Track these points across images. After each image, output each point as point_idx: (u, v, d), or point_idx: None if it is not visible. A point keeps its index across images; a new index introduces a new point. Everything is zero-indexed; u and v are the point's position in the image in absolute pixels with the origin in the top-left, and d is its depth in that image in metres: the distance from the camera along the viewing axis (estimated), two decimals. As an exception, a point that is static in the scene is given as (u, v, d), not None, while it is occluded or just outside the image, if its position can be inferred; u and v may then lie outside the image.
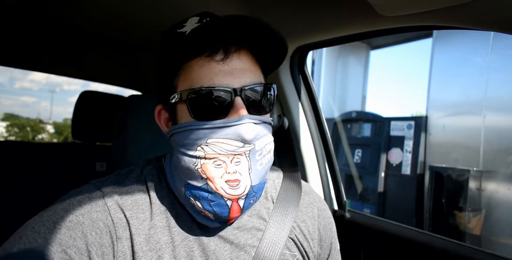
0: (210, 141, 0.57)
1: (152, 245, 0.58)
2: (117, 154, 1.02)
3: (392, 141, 4.17)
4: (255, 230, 0.68)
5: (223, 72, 0.58)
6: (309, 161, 1.36)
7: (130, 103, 1.04)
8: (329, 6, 0.90)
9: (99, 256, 0.52)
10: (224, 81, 0.57)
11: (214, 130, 0.57)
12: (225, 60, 0.58)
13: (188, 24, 0.61)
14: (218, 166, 0.57)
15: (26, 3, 1.13)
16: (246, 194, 0.59)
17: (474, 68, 3.48)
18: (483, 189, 3.19)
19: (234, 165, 0.58)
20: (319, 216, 0.78)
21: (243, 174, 0.58)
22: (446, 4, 0.65)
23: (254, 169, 0.59)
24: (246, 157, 0.58)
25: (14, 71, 69.64)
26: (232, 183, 0.57)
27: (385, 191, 4.19)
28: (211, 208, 0.59)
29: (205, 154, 0.57)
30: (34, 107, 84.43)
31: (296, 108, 1.33)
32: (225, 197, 0.58)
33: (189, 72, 0.59)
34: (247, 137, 0.57)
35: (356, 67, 5.60)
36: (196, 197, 0.59)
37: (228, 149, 0.57)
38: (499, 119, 3.20)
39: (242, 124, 0.57)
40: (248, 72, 0.60)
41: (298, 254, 0.71)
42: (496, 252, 0.90)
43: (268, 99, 0.63)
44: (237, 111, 0.57)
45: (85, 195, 0.58)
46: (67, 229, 0.51)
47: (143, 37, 1.44)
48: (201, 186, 0.58)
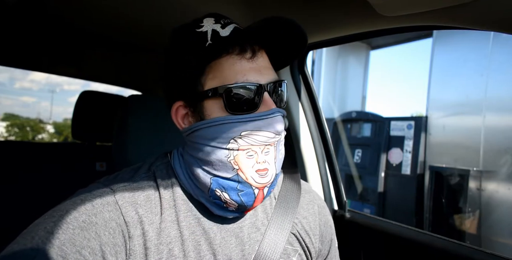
0: (243, 134, 0.61)
1: (163, 238, 0.60)
2: (117, 154, 1.03)
3: (392, 141, 4.17)
4: (260, 225, 0.71)
5: (253, 69, 0.62)
6: (309, 161, 1.36)
7: (130, 103, 1.04)
8: (329, 6, 0.90)
9: (112, 255, 0.53)
10: (254, 77, 0.62)
11: (248, 123, 0.61)
12: (253, 58, 0.63)
13: (205, 24, 0.64)
14: (250, 157, 0.61)
15: (26, 3, 1.13)
16: (271, 182, 0.63)
17: (474, 68, 3.48)
18: (483, 189, 3.19)
19: (264, 155, 0.62)
20: (319, 213, 0.82)
21: (271, 163, 0.63)
22: (446, 4, 0.65)
23: (278, 158, 0.64)
24: (274, 147, 0.63)
25: (14, 71, 69.63)
26: (262, 172, 0.62)
27: (385, 191, 4.19)
28: (239, 198, 0.62)
29: (239, 146, 0.61)
30: (34, 107, 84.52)
31: (296, 108, 1.33)
32: (253, 186, 0.62)
33: (220, 69, 0.62)
34: (278, 129, 0.62)
35: (356, 67, 5.60)
36: (224, 188, 0.62)
37: (261, 140, 0.61)
38: (499, 119, 3.20)
39: (274, 116, 0.62)
40: (270, 69, 0.66)
41: (300, 249, 0.74)
42: (496, 252, 0.90)
43: (284, 94, 0.69)
44: (267, 105, 0.62)
45: (96, 195, 0.59)
46: (81, 230, 0.52)
47: (143, 37, 1.44)
48: (232, 176, 0.61)
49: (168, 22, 1.19)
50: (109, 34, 1.43)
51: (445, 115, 3.73)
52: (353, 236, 1.26)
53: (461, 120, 3.57)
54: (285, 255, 0.71)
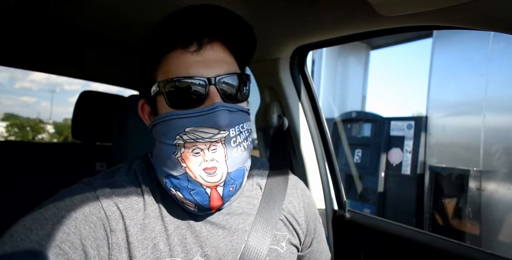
0: (188, 130, 0.59)
1: (148, 234, 0.60)
2: (117, 154, 1.03)
3: (392, 141, 4.17)
4: (245, 215, 0.71)
5: (198, 63, 0.60)
6: (309, 161, 1.36)
7: (130, 103, 1.04)
8: (329, 6, 0.90)
9: (94, 249, 0.53)
10: (198, 71, 0.60)
11: (191, 119, 0.59)
12: (198, 51, 0.60)
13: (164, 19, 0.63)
14: (196, 154, 0.59)
15: (26, 3, 1.13)
16: (224, 181, 0.61)
17: (474, 68, 3.48)
18: (483, 189, 3.19)
19: (211, 153, 0.60)
20: (302, 195, 0.84)
21: (220, 161, 0.60)
22: (446, 4, 0.65)
23: (230, 156, 0.61)
24: (222, 145, 0.60)
25: (15, 71, 69.64)
26: (210, 170, 0.59)
27: (385, 191, 4.19)
28: (192, 197, 0.60)
29: (184, 143, 0.59)
30: (34, 107, 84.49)
31: (296, 108, 1.33)
32: (203, 185, 0.60)
33: (167, 64, 0.62)
34: (222, 124, 0.59)
35: (356, 67, 5.60)
36: (177, 187, 0.61)
37: (204, 136, 0.59)
38: (499, 119, 3.20)
39: (216, 111, 0.59)
40: (221, 62, 0.62)
41: (288, 234, 0.75)
42: (496, 252, 0.90)
43: (242, 88, 0.65)
44: (211, 100, 0.60)
45: (76, 192, 0.59)
46: (60, 225, 0.52)
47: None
48: (181, 175, 0.60)
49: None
50: (109, 34, 1.43)
51: (445, 115, 3.73)
52: (353, 236, 1.26)
53: (461, 120, 3.57)
54: (275, 241, 0.72)
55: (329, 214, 1.34)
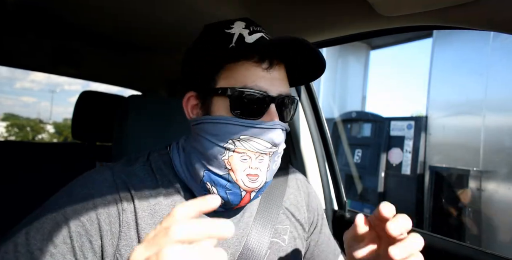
0: (242, 137, 0.63)
1: (157, 219, 0.64)
2: (117, 154, 1.03)
3: (392, 141, 4.17)
4: (253, 209, 0.76)
5: (266, 79, 0.65)
6: (309, 161, 1.36)
7: (130, 103, 1.04)
8: (329, 6, 0.90)
9: (107, 224, 0.60)
10: (265, 86, 0.64)
11: (249, 129, 0.63)
12: (269, 69, 0.65)
13: (236, 27, 0.67)
14: (244, 160, 0.64)
15: (26, 3, 1.13)
16: (260, 188, 0.66)
17: (474, 68, 3.49)
18: (483, 189, 3.19)
19: (258, 162, 0.64)
20: (302, 186, 0.88)
21: (263, 171, 0.65)
22: (446, 4, 0.65)
23: (271, 168, 0.67)
24: (268, 157, 0.65)
25: (15, 71, 69.66)
26: (252, 177, 0.64)
27: (385, 191, 4.19)
28: (226, 195, 0.65)
29: (235, 148, 0.63)
30: (34, 107, 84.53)
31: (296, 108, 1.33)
32: (242, 188, 0.64)
33: (234, 71, 0.65)
34: (276, 141, 0.64)
35: (356, 67, 5.61)
36: (214, 183, 0.65)
37: (258, 147, 0.63)
38: (499, 119, 3.20)
39: (275, 128, 0.64)
40: (284, 83, 0.68)
41: (290, 227, 0.79)
42: (496, 252, 0.90)
43: (292, 110, 0.71)
44: (270, 116, 0.64)
45: (98, 173, 0.67)
46: (81, 200, 0.60)
47: (144, 37, 1.44)
48: (223, 174, 0.64)
49: (169, 22, 1.19)
50: (109, 34, 1.43)
51: (445, 115, 3.73)
52: (353, 236, 1.26)
53: (461, 120, 3.57)
54: (277, 234, 0.76)
55: (329, 214, 1.34)
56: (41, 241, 0.55)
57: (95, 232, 0.58)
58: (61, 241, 0.56)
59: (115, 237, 0.61)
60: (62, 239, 0.56)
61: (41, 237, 0.55)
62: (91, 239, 0.58)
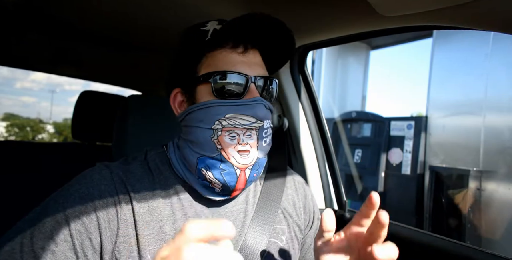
0: (228, 116, 0.66)
1: (155, 216, 0.66)
2: (117, 154, 1.03)
3: (392, 141, 4.17)
4: (250, 210, 0.77)
5: (243, 62, 0.70)
6: (309, 161, 1.36)
7: (130, 103, 1.04)
8: (329, 6, 0.90)
9: (105, 221, 0.62)
10: (243, 69, 0.69)
11: (232, 107, 0.67)
12: (244, 53, 0.70)
13: (210, 25, 0.72)
14: (232, 137, 0.67)
15: (26, 3, 1.13)
16: (253, 164, 0.68)
17: (474, 68, 3.48)
18: (483, 189, 3.19)
19: (246, 138, 0.67)
20: (299, 188, 0.89)
21: (252, 146, 0.68)
22: (446, 4, 0.65)
23: (260, 145, 0.69)
24: (256, 132, 0.68)
25: (16, 71, 69.66)
26: (243, 153, 0.67)
27: (385, 191, 4.19)
28: (222, 177, 0.66)
29: (222, 127, 0.66)
30: (34, 107, 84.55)
31: (296, 108, 1.33)
32: (235, 166, 0.66)
33: (213, 60, 0.70)
34: (260, 115, 0.67)
35: (356, 67, 5.60)
36: (208, 167, 0.67)
37: (243, 123, 0.67)
38: (499, 119, 3.20)
39: (257, 103, 0.68)
40: (260, 66, 0.73)
41: (288, 227, 0.80)
42: (496, 252, 0.90)
43: (272, 91, 0.75)
44: (251, 94, 0.68)
45: (96, 171, 0.69)
46: (80, 198, 0.63)
47: (144, 37, 1.44)
48: (215, 156, 0.67)
49: (168, 22, 1.19)
50: (109, 34, 1.43)
51: (445, 115, 3.73)
52: (353, 236, 1.26)
53: (461, 120, 3.57)
54: (275, 234, 0.77)
55: (329, 214, 1.34)
56: (43, 240, 0.57)
57: (94, 230, 0.60)
58: (62, 239, 0.58)
59: (113, 234, 0.62)
60: (63, 237, 0.58)
61: (43, 236, 0.57)
62: (91, 236, 0.60)
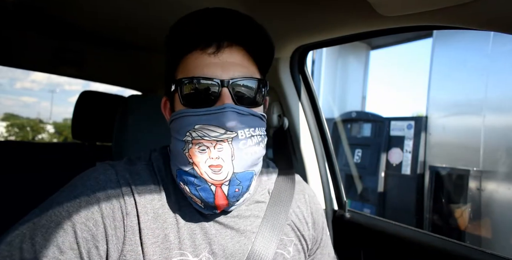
0: (197, 127, 0.61)
1: (160, 223, 0.63)
2: (117, 154, 1.03)
3: (392, 141, 4.17)
4: (254, 218, 0.73)
5: (214, 65, 0.62)
6: (309, 161, 1.36)
7: (130, 103, 1.04)
8: (329, 6, 0.90)
9: (112, 228, 0.58)
10: (214, 73, 0.62)
11: (200, 117, 0.61)
12: (216, 54, 0.62)
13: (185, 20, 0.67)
14: (202, 151, 0.61)
15: (27, 3, 1.13)
16: (229, 180, 0.62)
17: (474, 68, 3.48)
18: (483, 189, 3.19)
19: (217, 151, 0.61)
20: (310, 202, 0.85)
21: (226, 160, 0.61)
22: (446, 4, 0.65)
23: (238, 157, 0.62)
24: (229, 144, 0.61)
25: (16, 71, 69.64)
26: (215, 168, 0.61)
27: (385, 191, 4.19)
28: (197, 193, 0.62)
29: (192, 139, 0.61)
30: (34, 107, 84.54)
31: (296, 108, 1.33)
32: (208, 182, 0.61)
33: (186, 64, 0.64)
34: (228, 125, 0.60)
35: (356, 67, 5.60)
36: (185, 182, 0.63)
37: (211, 134, 0.60)
38: (499, 119, 3.20)
39: (224, 112, 0.60)
40: (238, 66, 0.64)
41: (295, 239, 0.76)
42: (496, 252, 0.90)
43: (258, 93, 0.66)
44: (222, 101, 0.61)
45: (101, 173, 0.64)
46: (86, 203, 0.58)
47: (144, 37, 1.44)
48: (188, 170, 0.62)
49: (168, 22, 1.19)
50: (109, 34, 1.43)
51: (445, 115, 3.73)
52: (353, 236, 1.26)
53: (461, 120, 3.56)
54: (282, 246, 0.73)
55: (329, 214, 1.34)
56: (47, 248, 0.52)
57: (101, 237, 0.56)
58: (67, 247, 0.54)
59: (119, 242, 0.59)
60: (68, 245, 0.54)
61: (47, 243, 0.53)
62: (98, 244, 0.56)
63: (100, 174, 0.63)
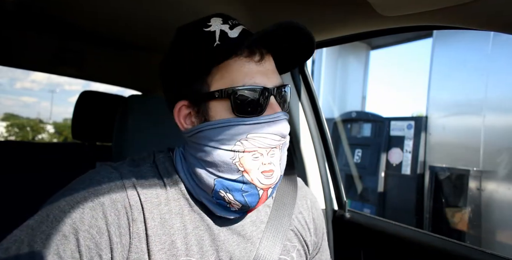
0: (250, 136, 0.61)
1: (167, 229, 0.61)
2: (117, 154, 1.03)
3: (392, 141, 4.17)
4: (259, 223, 0.72)
5: (260, 73, 0.63)
6: (309, 161, 1.36)
7: (130, 103, 1.04)
8: (329, 6, 0.90)
9: (117, 236, 0.55)
10: (262, 81, 0.62)
11: (255, 126, 0.61)
12: (261, 62, 0.63)
13: (214, 24, 0.64)
14: (255, 158, 0.61)
15: (27, 3, 1.13)
16: (276, 182, 0.64)
17: (474, 68, 3.48)
18: (483, 189, 3.19)
19: (269, 157, 0.62)
20: (312, 207, 0.85)
21: (276, 165, 0.63)
22: (446, 4, 0.65)
23: (282, 161, 0.65)
24: (279, 150, 0.64)
25: (16, 71, 69.64)
26: (267, 173, 0.62)
27: (385, 191, 4.19)
28: (243, 198, 0.62)
29: (245, 149, 0.61)
30: (34, 107, 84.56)
31: (296, 108, 1.33)
32: (258, 187, 0.62)
33: (228, 70, 0.62)
34: (284, 132, 0.63)
35: (356, 67, 5.60)
36: (228, 189, 0.62)
37: (268, 142, 0.61)
38: (499, 119, 3.20)
39: (280, 120, 0.63)
40: (276, 73, 0.66)
41: (298, 245, 0.76)
42: (496, 252, 0.90)
43: (287, 98, 0.69)
44: (273, 108, 0.63)
45: (105, 176, 0.61)
46: (89, 209, 0.55)
47: (144, 37, 1.44)
48: (237, 178, 0.61)
49: (168, 22, 1.19)
50: (109, 34, 1.43)
51: (445, 115, 3.73)
52: (353, 236, 1.26)
53: (461, 120, 3.56)
54: (285, 252, 0.72)
55: (329, 214, 1.34)
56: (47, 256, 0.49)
57: (105, 246, 0.54)
58: (69, 255, 0.50)
59: (125, 250, 0.56)
60: (70, 254, 0.51)
61: (46, 251, 0.50)
62: (101, 253, 0.53)
63: (104, 177, 0.60)
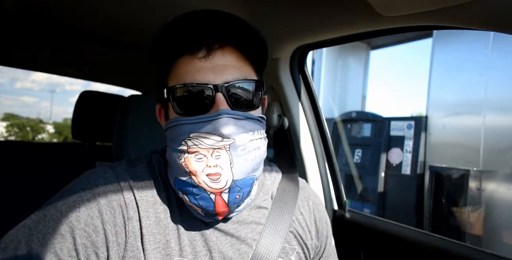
0: (192, 136, 0.59)
1: (161, 229, 0.61)
2: (117, 154, 1.03)
3: (392, 141, 4.17)
4: (255, 224, 0.70)
5: (205, 69, 0.60)
6: (309, 161, 1.36)
7: (130, 103, 1.04)
8: (329, 6, 0.90)
9: (113, 234, 0.56)
10: (205, 78, 0.59)
11: (195, 125, 0.59)
12: (207, 57, 0.60)
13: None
14: (199, 160, 0.59)
15: (27, 3, 1.13)
16: (229, 188, 0.60)
17: (474, 68, 3.48)
18: (483, 189, 3.19)
19: (215, 159, 0.58)
20: (314, 209, 0.81)
21: (224, 168, 0.59)
22: (446, 4, 0.65)
23: (237, 164, 0.60)
24: (226, 151, 0.59)
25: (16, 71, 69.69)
26: (213, 176, 0.59)
27: (385, 191, 4.19)
28: (197, 202, 0.60)
29: (188, 148, 0.59)
30: (34, 107, 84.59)
31: (296, 108, 1.33)
32: (207, 190, 0.59)
33: (177, 69, 0.62)
34: (224, 132, 0.57)
35: (356, 67, 5.60)
36: (184, 191, 0.61)
37: (207, 142, 0.58)
38: (499, 119, 3.20)
39: (219, 118, 0.58)
40: (231, 68, 0.61)
41: (297, 248, 0.74)
42: (496, 252, 0.90)
43: (255, 95, 0.64)
44: (217, 107, 0.59)
45: (101, 175, 0.61)
46: (85, 208, 0.55)
47: (144, 37, 1.44)
48: (186, 180, 0.60)
49: (167, 22, 1.19)
50: (109, 34, 1.43)
51: (445, 115, 3.73)
52: (353, 236, 1.26)
53: (461, 120, 3.57)
54: (284, 254, 0.71)
55: (329, 214, 1.34)
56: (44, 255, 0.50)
57: (101, 244, 0.54)
58: (66, 254, 0.51)
59: (121, 248, 0.56)
60: (67, 252, 0.51)
61: (44, 250, 0.50)
62: (97, 251, 0.53)
63: (100, 177, 0.61)
